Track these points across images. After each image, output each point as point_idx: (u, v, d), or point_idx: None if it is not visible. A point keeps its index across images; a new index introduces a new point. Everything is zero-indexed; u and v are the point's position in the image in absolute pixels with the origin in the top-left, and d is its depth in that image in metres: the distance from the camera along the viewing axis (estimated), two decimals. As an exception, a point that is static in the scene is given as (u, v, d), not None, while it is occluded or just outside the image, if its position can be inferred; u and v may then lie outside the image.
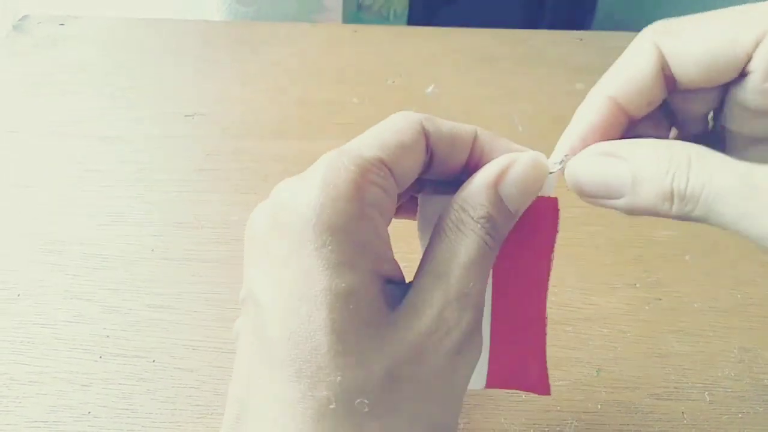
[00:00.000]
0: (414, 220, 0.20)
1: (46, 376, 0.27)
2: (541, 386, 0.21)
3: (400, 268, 0.18)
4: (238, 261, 0.32)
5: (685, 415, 0.26)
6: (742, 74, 0.17)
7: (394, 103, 0.43)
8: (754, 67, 0.17)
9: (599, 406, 0.26)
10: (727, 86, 0.18)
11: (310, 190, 0.16)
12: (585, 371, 0.27)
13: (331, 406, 0.15)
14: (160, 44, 0.48)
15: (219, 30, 0.51)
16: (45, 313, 0.29)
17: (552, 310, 0.30)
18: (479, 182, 0.18)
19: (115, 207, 0.35)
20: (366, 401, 0.15)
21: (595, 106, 0.19)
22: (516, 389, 0.22)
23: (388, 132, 0.18)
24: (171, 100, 0.43)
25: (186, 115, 0.42)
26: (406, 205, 0.21)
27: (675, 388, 0.27)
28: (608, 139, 0.19)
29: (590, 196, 0.18)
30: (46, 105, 0.42)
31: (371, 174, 0.17)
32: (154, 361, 0.27)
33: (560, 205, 0.20)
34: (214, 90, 0.44)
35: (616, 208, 0.18)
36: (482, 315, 0.17)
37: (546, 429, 0.25)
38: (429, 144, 0.18)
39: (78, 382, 0.26)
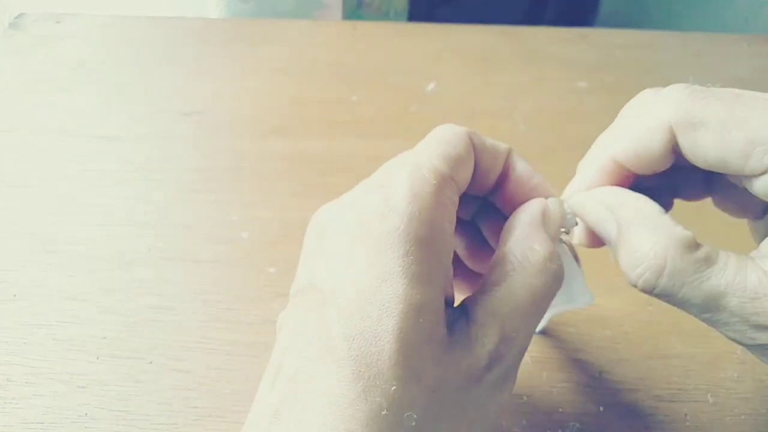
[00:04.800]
0: None
1: (42, 377, 0.26)
2: None
3: (453, 288, 0.18)
4: (236, 261, 0.32)
5: (687, 417, 0.26)
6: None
7: (394, 101, 0.43)
8: (757, 185, 0.18)
9: (601, 408, 0.26)
10: None
11: (399, 199, 0.16)
12: (587, 373, 0.27)
13: (383, 413, 0.15)
14: (158, 42, 0.48)
15: (217, 27, 0.50)
16: (41, 314, 0.29)
17: (553, 311, 0.30)
18: (533, 222, 0.19)
19: (111, 206, 0.34)
20: (414, 416, 0.15)
21: (600, 165, 0.20)
22: None
23: (447, 145, 0.18)
24: (168, 98, 0.42)
25: (184, 114, 0.41)
26: None
27: (678, 389, 0.27)
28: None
29: (590, 228, 0.20)
30: (42, 103, 0.42)
31: (447, 189, 0.17)
32: (151, 362, 0.27)
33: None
34: (212, 88, 0.44)
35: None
36: (523, 355, 0.18)
37: (548, 431, 0.25)
38: (475, 157, 0.19)
39: (74, 384, 0.26)
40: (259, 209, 0.35)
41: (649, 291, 0.18)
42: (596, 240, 0.21)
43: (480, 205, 0.22)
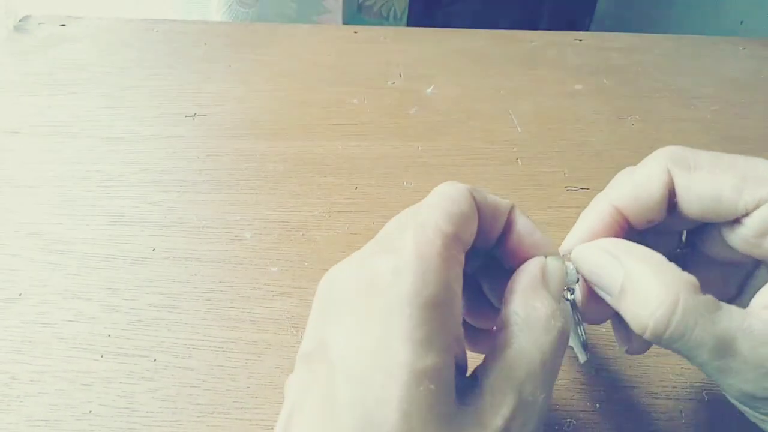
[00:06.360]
0: None
1: (47, 375, 0.27)
2: None
3: (465, 352, 0.18)
4: (238, 260, 0.32)
5: (683, 414, 0.26)
6: (736, 219, 0.19)
7: (394, 103, 0.44)
8: (749, 223, 0.19)
9: (597, 405, 0.26)
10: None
11: (405, 263, 0.16)
12: (583, 370, 0.28)
13: None
14: (161, 45, 0.49)
15: (219, 31, 0.51)
16: (46, 313, 0.29)
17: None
18: (533, 281, 0.19)
19: (116, 207, 0.35)
20: None
21: (600, 211, 0.21)
22: None
23: (450, 203, 0.18)
24: (172, 100, 0.43)
25: (187, 116, 0.42)
26: None
27: (673, 387, 0.27)
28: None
29: (589, 283, 0.20)
30: (46, 105, 0.42)
31: (453, 249, 0.17)
32: (155, 360, 0.27)
33: (559, 204, 0.20)
34: (215, 91, 0.44)
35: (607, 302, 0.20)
36: (544, 421, 0.17)
37: (544, 428, 0.26)
38: (478, 213, 0.19)
39: (79, 381, 0.27)
40: (261, 209, 0.35)
41: (661, 333, 0.17)
42: (593, 300, 0.21)
43: (482, 260, 0.22)
